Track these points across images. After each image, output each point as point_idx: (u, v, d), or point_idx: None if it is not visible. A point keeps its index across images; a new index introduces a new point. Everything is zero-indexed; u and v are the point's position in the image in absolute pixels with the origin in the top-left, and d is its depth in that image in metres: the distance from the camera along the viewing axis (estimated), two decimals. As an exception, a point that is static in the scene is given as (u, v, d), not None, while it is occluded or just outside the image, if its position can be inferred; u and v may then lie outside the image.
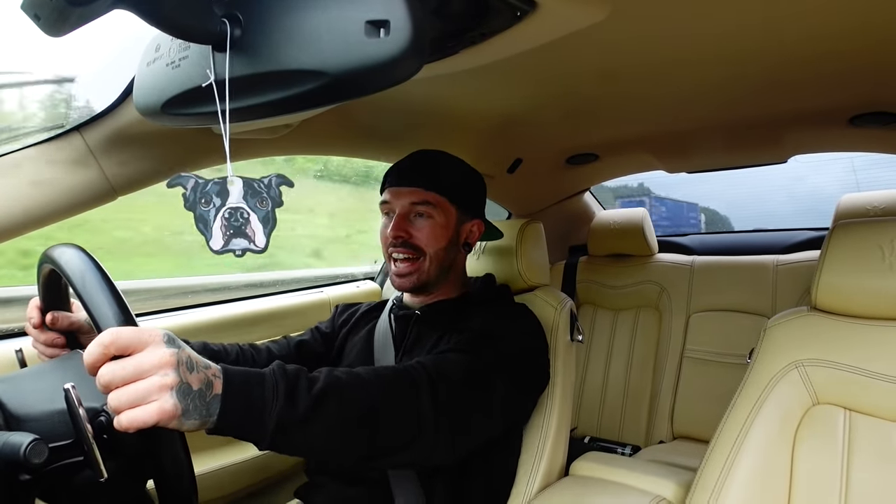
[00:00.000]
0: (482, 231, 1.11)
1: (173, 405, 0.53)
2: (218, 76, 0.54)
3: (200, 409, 0.56)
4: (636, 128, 1.50)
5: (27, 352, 0.83)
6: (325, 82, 0.49)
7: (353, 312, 1.20)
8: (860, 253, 0.88)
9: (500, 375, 0.89)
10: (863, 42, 0.90)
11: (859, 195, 1.76)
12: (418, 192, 1.01)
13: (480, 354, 0.88)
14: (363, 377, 0.73)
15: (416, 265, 1.01)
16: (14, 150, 0.86)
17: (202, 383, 0.56)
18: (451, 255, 1.05)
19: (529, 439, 1.08)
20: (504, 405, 0.90)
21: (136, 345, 0.54)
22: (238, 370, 0.62)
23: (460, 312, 1.04)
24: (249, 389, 0.61)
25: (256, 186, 0.57)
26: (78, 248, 0.67)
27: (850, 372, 0.86)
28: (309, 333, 1.17)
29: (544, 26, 0.71)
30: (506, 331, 0.97)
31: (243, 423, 0.61)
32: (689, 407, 1.88)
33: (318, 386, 0.67)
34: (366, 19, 0.47)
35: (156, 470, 0.64)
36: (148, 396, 0.53)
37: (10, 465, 0.54)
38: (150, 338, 0.55)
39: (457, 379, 0.82)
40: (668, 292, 2.01)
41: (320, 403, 0.66)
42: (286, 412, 0.62)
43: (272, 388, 0.63)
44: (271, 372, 0.65)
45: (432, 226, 1.02)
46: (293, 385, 0.65)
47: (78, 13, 0.46)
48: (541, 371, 1.03)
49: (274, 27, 0.51)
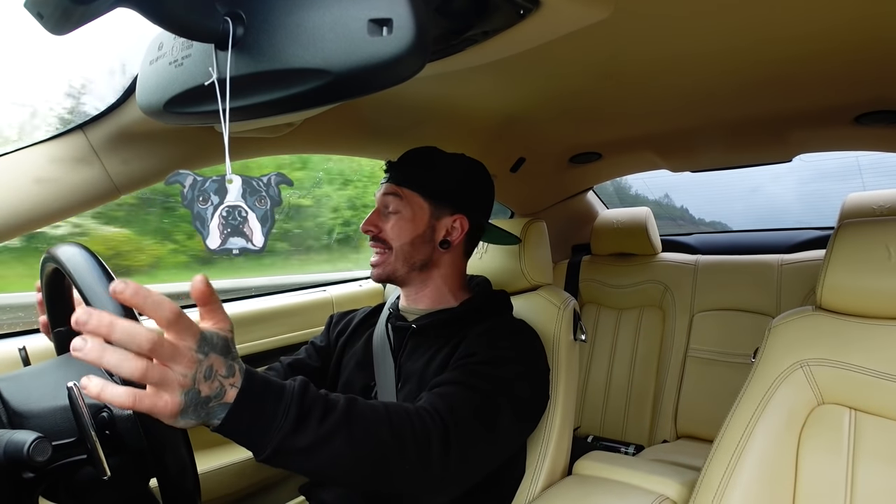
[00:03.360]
0: (466, 228, 1.06)
1: (177, 403, 0.53)
2: (220, 75, 0.54)
3: (199, 412, 0.55)
4: (640, 126, 1.49)
5: (30, 349, 0.83)
6: (328, 81, 0.49)
7: (349, 321, 1.18)
8: (866, 252, 0.88)
9: (504, 409, 0.87)
10: (868, 40, 0.89)
11: (865, 194, 1.75)
12: (389, 186, 1.04)
13: (484, 388, 0.86)
14: (379, 417, 0.71)
15: (382, 257, 1.04)
16: (17, 149, 0.86)
17: (212, 392, 0.55)
18: (422, 252, 1.03)
19: (533, 439, 1.08)
20: (508, 436, 0.91)
21: (184, 333, 0.53)
22: (259, 382, 0.60)
23: (458, 326, 1.02)
24: (262, 406, 0.60)
25: (255, 185, 0.57)
26: (81, 247, 0.67)
27: (856, 371, 0.86)
28: (303, 352, 1.17)
29: (548, 24, 0.71)
30: (506, 358, 0.94)
31: (244, 435, 0.60)
32: (693, 406, 1.87)
33: (328, 422, 0.65)
34: (369, 18, 0.47)
35: (158, 468, 0.64)
36: (166, 385, 0.52)
37: (14, 462, 0.54)
38: (194, 333, 0.54)
39: (466, 422, 0.81)
40: (671, 291, 2.01)
41: (326, 440, 0.64)
42: (288, 441, 0.61)
43: (284, 409, 0.61)
44: (290, 391, 0.63)
45: (398, 220, 1.02)
46: (307, 411, 0.63)
47: (81, 11, 0.45)
48: (542, 395, 1.02)
49: (277, 26, 0.51)
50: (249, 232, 0.56)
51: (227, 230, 0.56)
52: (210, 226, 0.56)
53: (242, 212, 0.56)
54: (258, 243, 0.56)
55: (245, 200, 0.56)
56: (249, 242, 0.56)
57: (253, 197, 0.56)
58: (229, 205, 0.56)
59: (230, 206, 0.56)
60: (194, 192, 0.56)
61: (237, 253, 0.56)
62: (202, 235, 0.55)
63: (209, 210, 0.56)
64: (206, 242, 0.55)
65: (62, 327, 0.82)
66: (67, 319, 0.82)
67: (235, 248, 0.56)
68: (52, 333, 0.82)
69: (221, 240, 0.56)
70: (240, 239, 0.56)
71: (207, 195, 0.56)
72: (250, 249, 0.56)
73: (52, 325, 0.82)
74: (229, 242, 0.56)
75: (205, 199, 0.56)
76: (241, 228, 0.56)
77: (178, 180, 0.56)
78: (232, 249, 0.56)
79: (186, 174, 0.56)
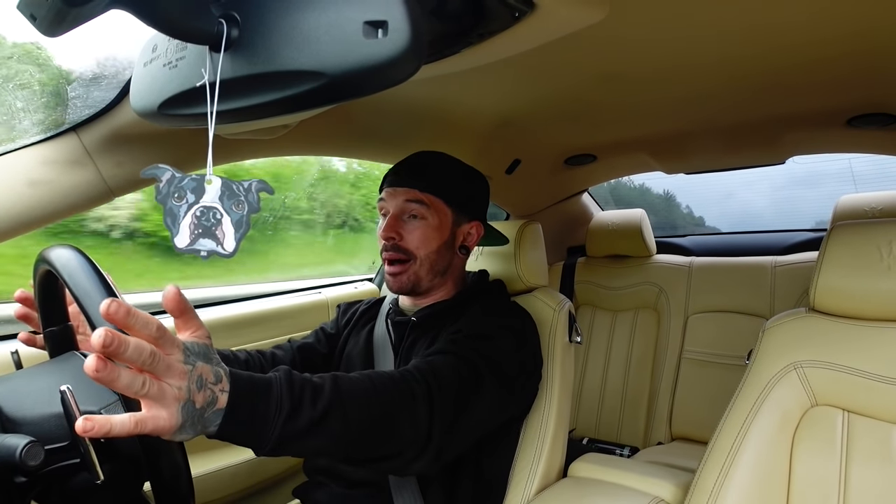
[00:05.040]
0: (481, 234, 1.09)
1: (175, 418, 0.52)
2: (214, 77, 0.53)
3: (196, 424, 0.54)
4: (635, 129, 1.50)
5: (23, 353, 0.83)
6: (323, 83, 0.49)
7: (354, 311, 1.19)
8: (858, 254, 0.88)
9: (489, 377, 0.88)
10: (861, 45, 0.90)
11: (858, 196, 1.76)
12: (412, 192, 1.00)
13: (470, 357, 0.88)
14: (365, 388, 0.72)
15: (405, 266, 1.01)
16: (10, 151, 0.86)
17: (205, 401, 0.55)
18: (445, 259, 1.04)
19: (527, 440, 1.08)
20: (493, 406, 0.91)
21: (169, 347, 0.52)
22: (245, 382, 0.60)
23: (454, 312, 1.03)
24: (254, 405, 0.60)
25: (235, 189, 0.55)
26: (73, 249, 0.66)
27: (849, 373, 0.86)
28: (313, 336, 1.16)
29: (542, 27, 0.71)
30: (493, 329, 0.96)
31: (244, 436, 0.60)
32: (688, 408, 1.88)
33: (321, 402, 0.66)
34: (364, 20, 0.47)
35: (152, 472, 0.63)
36: (163, 400, 0.51)
37: (6, 467, 0.54)
38: (178, 346, 0.53)
39: (450, 386, 0.82)
40: (666, 293, 2.02)
41: (323, 420, 0.65)
42: (288, 428, 0.62)
43: (276, 403, 0.62)
44: (277, 384, 0.63)
45: (424, 227, 1.00)
46: (298, 400, 0.64)
47: (74, 13, 0.45)
48: (532, 367, 1.02)
49: (272, 28, 0.51)
50: (221, 235, 0.54)
51: (198, 230, 0.54)
52: (181, 224, 0.54)
53: (217, 214, 0.54)
54: (229, 248, 0.55)
55: (222, 203, 0.55)
56: (220, 246, 0.54)
57: (231, 200, 0.55)
58: (205, 205, 0.54)
59: (205, 207, 0.54)
60: (170, 187, 0.54)
61: (205, 256, 0.54)
62: (171, 233, 0.54)
63: (183, 208, 0.54)
64: (174, 240, 0.54)
65: (54, 327, 0.81)
66: (59, 319, 0.82)
67: (204, 250, 0.54)
68: (44, 332, 0.82)
69: (191, 240, 0.54)
70: (210, 241, 0.54)
71: (184, 193, 0.54)
72: (220, 253, 0.54)
73: (45, 325, 0.81)
74: (198, 243, 0.54)
75: (180, 196, 0.54)
76: (213, 231, 0.54)
77: (155, 174, 0.55)
78: (200, 251, 0.54)
79: (165, 168, 0.55)
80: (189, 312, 0.56)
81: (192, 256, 0.54)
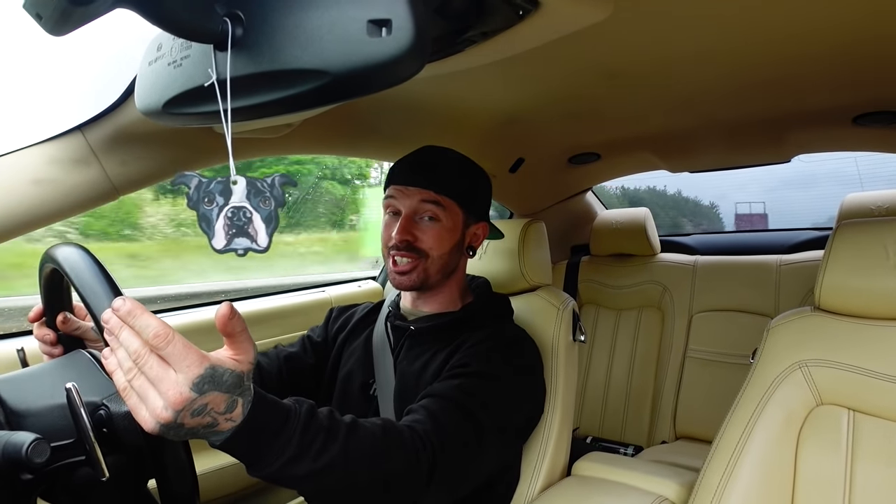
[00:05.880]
0: (486, 234, 1.08)
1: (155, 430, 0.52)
2: (220, 75, 0.54)
3: (180, 435, 0.54)
4: (638, 127, 1.49)
5: (29, 351, 0.83)
6: (327, 82, 0.49)
7: (349, 316, 1.16)
8: (864, 253, 0.88)
9: (494, 432, 0.87)
10: (867, 41, 0.90)
11: (863, 195, 1.75)
12: (428, 193, 0.97)
13: (475, 411, 0.85)
14: (373, 446, 0.70)
15: (416, 263, 0.98)
16: (15, 149, 0.86)
17: (201, 425, 0.54)
18: (454, 259, 1.03)
19: (532, 440, 1.08)
20: (499, 452, 0.91)
21: (176, 362, 0.51)
22: (259, 421, 0.58)
23: (455, 331, 1.00)
24: (257, 442, 0.59)
25: (259, 186, 0.57)
26: (78, 247, 0.67)
27: (854, 372, 0.86)
28: (299, 345, 1.12)
29: (547, 25, 0.71)
30: (503, 369, 0.93)
31: (241, 456, 0.60)
32: (692, 407, 1.87)
33: (327, 455, 0.64)
34: (368, 18, 0.47)
35: (157, 469, 0.64)
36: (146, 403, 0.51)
37: (12, 464, 0.54)
38: (189, 366, 0.51)
39: (454, 446, 0.80)
40: (670, 292, 2.01)
41: (321, 472, 0.64)
42: (285, 471, 0.62)
43: (282, 445, 0.61)
44: (293, 425, 0.62)
45: (439, 229, 0.98)
46: (306, 447, 0.63)
47: (80, 12, 0.45)
48: (536, 412, 1.03)
49: (276, 26, 0.51)
50: (254, 232, 0.56)
51: (232, 231, 0.56)
52: (216, 226, 0.56)
53: (247, 212, 0.56)
54: (263, 244, 0.56)
55: (250, 201, 0.56)
56: (254, 243, 0.56)
57: (257, 198, 0.56)
58: (234, 206, 0.56)
59: (235, 207, 0.56)
60: (199, 193, 0.56)
61: (242, 253, 0.56)
62: (208, 236, 0.55)
63: (214, 211, 0.56)
64: (211, 243, 0.55)
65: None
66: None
67: (240, 248, 0.56)
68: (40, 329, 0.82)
69: (227, 240, 0.56)
70: (245, 239, 0.56)
71: (213, 196, 0.56)
72: (255, 249, 0.56)
73: (50, 324, 0.82)
74: (234, 243, 0.56)
75: (210, 200, 0.56)
76: (245, 229, 0.56)
77: (184, 182, 0.56)
78: (237, 249, 0.56)
79: (192, 175, 0.56)
80: (238, 336, 0.55)
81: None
